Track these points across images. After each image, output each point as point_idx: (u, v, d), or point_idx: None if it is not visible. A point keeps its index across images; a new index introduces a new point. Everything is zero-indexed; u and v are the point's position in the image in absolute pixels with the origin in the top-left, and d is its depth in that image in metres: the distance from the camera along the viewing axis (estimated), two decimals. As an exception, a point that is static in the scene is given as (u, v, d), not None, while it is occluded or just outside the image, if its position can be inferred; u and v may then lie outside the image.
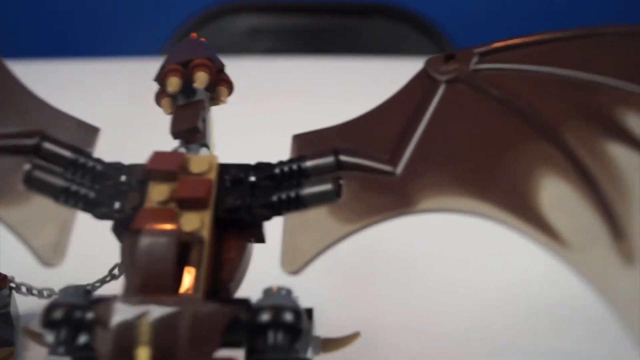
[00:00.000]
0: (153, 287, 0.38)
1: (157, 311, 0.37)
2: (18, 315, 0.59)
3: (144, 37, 1.22)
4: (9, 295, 0.59)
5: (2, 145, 0.43)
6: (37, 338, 0.44)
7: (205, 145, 0.48)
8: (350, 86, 0.94)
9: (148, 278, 0.39)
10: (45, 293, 0.59)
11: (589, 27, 0.45)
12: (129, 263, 0.41)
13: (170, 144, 0.48)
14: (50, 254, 0.41)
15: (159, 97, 0.50)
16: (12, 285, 0.59)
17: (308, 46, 1.26)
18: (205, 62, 0.49)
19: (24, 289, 0.59)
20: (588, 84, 0.42)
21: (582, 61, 0.43)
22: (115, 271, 0.56)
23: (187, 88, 0.49)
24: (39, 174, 0.43)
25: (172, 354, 0.36)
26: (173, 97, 0.49)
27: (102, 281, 0.57)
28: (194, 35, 0.52)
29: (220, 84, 0.50)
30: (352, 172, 0.43)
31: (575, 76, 0.43)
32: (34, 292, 0.59)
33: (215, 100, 0.50)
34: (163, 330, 0.36)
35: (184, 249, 0.41)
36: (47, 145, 0.44)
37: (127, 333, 0.36)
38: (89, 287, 0.48)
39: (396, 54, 1.20)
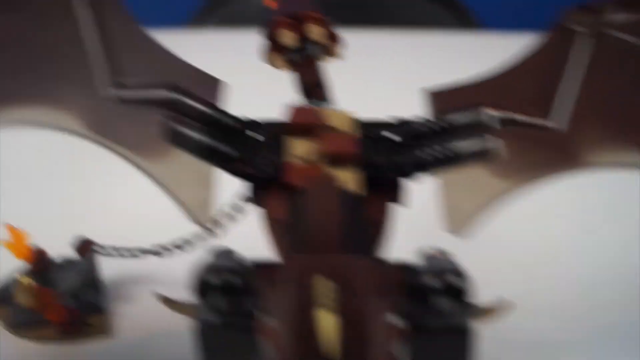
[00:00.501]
0: (323, 245, 0.36)
1: (335, 271, 0.34)
2: (102, 281, 0.56)
3: (172, 8, 1.17)
4: (93, 260, 0.56)
5: (138, 96, 0.41)
6: (176, 306, 0.41)
7: (330, 101, 0.46)
8: (373, 58, 0.92)
9: (318, 235, 0.36)
10: (128, 253, 0.56)
11: None
12: (283, 219, 0.39)
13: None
14: (199, 211, 0.40)
15: (268, 53, 0.47)
16: (95, 248, 0.56)
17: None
18: (318, 15, 0.46)
19: (108, 251, 0.56)
20: None
21: None
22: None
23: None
24: (179, 127, 0.40)
25: (359, 320, 0.33)
26: (284, 52, 0.46)
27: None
28: None
29: (333, 41, 0.47)
30: (505, 128, 0.40)
31: None
32: (120, 253, 0.56)
33: (326, 55, 0.47)
34: (345, 292, 0.33)
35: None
36: (183, 99, 0.41)
37: (306, 294, 0.33)
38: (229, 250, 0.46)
39: (419, 26, 1.18)
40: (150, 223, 0.59)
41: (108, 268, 0.57)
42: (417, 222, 0.46)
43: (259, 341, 0.39)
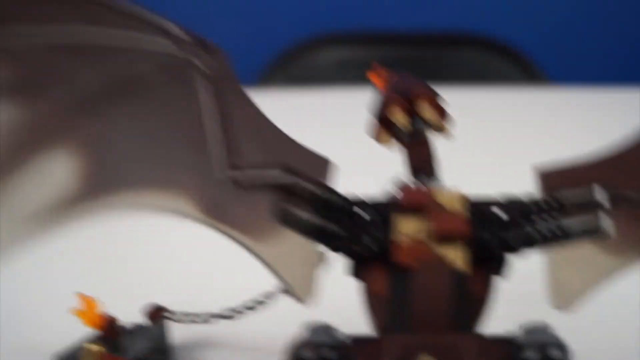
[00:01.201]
0: (430, 325, 0.37)
1: (436, 346, 0.36)
2: (173, 346, 0.55)
3: (240, 67, 1.20)
4: (163, 325, 0.55)
5: (253, 179, 0.42)
6: None
7: (438, 178, 0.46)
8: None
9: (425, 315, 0.37)
10: (199, 319, 0.55)
11: None
12: (384, 295, 0.39)
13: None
14: (304, 291, 0.41)
15: (377, 131, 0.47)
16: (166, 314, 0.55)
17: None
18: (431, 93, 0.46)
19: (179, 317, 0.55)
20: None
21: None
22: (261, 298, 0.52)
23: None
24: (290, 208, 0.42)
25: None
26: (392, 129, 0.46)
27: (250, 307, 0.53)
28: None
29: (442, 116, 0.47)
30: (618, 206, 0.40)
31: None
32: (191, 318, 0.55)
33: (436, 131, 0.47)
34: None
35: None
36: (295, 180, 0.42)
37: None
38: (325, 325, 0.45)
39: (487, 82, 1.17)
40: (221, 288, 0.60)
41: (179, 333, 0.56)
42: (521, 296, 0.47)
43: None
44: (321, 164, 0.44)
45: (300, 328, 0.40)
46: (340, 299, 0.45)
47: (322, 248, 0.42)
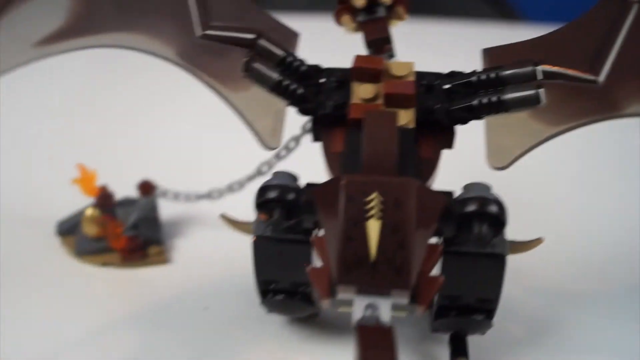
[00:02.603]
0: (378, 168, 0.40)
1: (385, 188, 0.38)
2: (161, 221, 0.61)
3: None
4: (154, 200, 0.61)
5: (227, 36, 0.47)
6: (237, 224, 0.47)
7: (393, 56, 0.51)
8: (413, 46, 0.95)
9: (374, 159, 0.40)
10: (185, 198, 0.62)
11: None
12: (344, 153, 0.44)
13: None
14: (269, 138, 0.45)
15: (339, 14, 0.52)
16: (157, 191, 0.61)
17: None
18: None
19: (169, 195, 0.62)
20: None
21: None
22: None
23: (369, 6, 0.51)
24: (257, 65, 0.46)
25: (400, 228, 0.37)
26: (353, 13, 0.51)
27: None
28: None
29: (398, 3, 0.52)
30: (552, 81, 0.45)
31: None
32: (178, 197, 0.62)
33: (392, 18, 0.52)
34: (392, 205, 0.38)
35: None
36: (263, 42, 0.47)
37: (358, 208, 0.38)
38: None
39: (459, 17, 1.20)
40: (207, 171, 0.65)
41: (167, 211, 0.62)
42: (464, 162, 0.51)
43: (309, 251, 0.44)
44: (291, 36, 0.49)
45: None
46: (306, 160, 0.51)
47: (283, 103, 0.46)
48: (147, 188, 0.61)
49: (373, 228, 0.37)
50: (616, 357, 0.48)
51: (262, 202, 0.43)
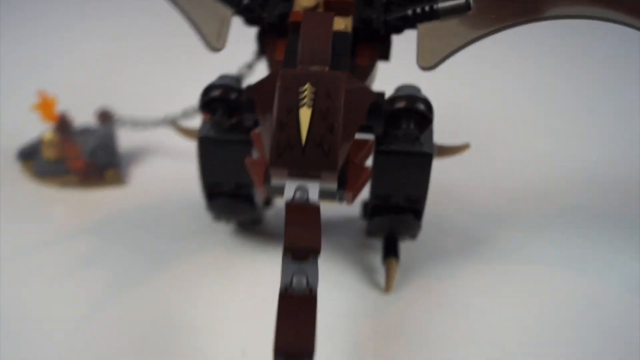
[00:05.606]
0: (313, 62, 0.42)
1: (317, 79, 0.40)
2: (119, 150, 0.64)
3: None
4: (111, 128, 0.64)
5: None
6: (185, 131, 0.49)
7: None
8: None
9: (309, 54, 0.42)
10: (141, 124, 0.64)
11: None
12: (285, 56, 0.45)
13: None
14: (214, 41, 0.47)
15: None
16: (114, 118, 0.64)
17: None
18: None
19: (125, 121, 0.64)
20: None
21: None
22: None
23: None
24: None
25: (329, 115, 0.40)
26: None
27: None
28: None
29: None
30: None
31: None
32: (135, 123, 0.64)
33: None
34: (323, 95, 0.40)
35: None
36: None
37: (292, 97, 0.40)
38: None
39: None
40: (166, 99, 0.67)
41: (125, 141, 0.65)
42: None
43: (250, 152, 0.47)
44: None
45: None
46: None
47: (230, 11, 0.48)
48: (105, 116, 0.63)
49: (304, 115, 0.39)
50: (538, 265, 0.52)
51: (206, 102, 0.45)
